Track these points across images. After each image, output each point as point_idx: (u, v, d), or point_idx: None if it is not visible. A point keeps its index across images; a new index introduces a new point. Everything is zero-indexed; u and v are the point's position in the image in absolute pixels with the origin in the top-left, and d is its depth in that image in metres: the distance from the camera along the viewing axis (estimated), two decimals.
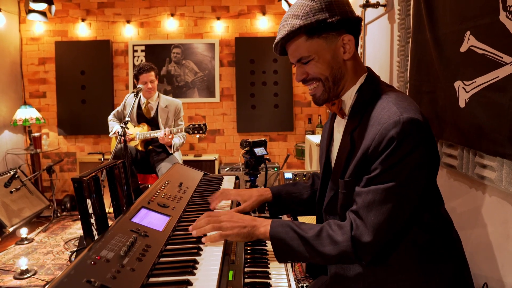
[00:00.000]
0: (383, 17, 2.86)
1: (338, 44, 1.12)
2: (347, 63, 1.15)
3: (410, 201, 1.04)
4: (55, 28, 4.84)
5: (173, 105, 3.63)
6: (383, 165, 1.02)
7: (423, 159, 1.02)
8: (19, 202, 3.90)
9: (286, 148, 5.00)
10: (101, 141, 4.93)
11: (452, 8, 1.74)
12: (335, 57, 1.13)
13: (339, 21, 1.08)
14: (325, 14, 1.08)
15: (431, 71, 1.95)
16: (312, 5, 1.09)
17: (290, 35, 1.11)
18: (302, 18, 1.08)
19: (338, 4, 1.10)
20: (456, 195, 1.94)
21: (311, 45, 1.11)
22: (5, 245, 3.53)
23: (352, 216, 1.09)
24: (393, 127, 1.00)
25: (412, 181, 1.02)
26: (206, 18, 4.86)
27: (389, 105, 1.06)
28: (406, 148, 1.00)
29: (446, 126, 1.82)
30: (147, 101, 3.60)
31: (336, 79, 1.15)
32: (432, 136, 1.07)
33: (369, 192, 1.04)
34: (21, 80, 4.86)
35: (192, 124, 3.40)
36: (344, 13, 1.10)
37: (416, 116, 1.01)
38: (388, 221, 1.03)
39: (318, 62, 1.13)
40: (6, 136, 4.54)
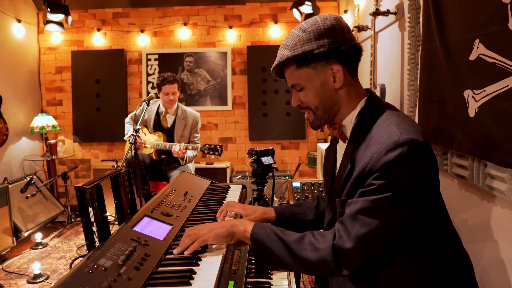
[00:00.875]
0: (393, 25, 2.83)
1: (327, 73, 1.13)
2: (339, 92, 1.15)
3: (399, 218, 1.02)
4: (72, 38, 4.96)
5: (191, 118, 3.61)
6: (378, 181, 1.00)
7: (421, 180, 1.00)
8: (35, 208, 3.98)
9: (298, 156, 4.98)
10: (115, 148, 5.00)
11: (461, 16, 1.71)
12: (325, 86, 1.14)
13: (326, 52, 1.09)
14: (312, 45, 1.09)
15: (440, 80, 1.92)
16: (301, 35, 1.11)
17: (280, 65, 1.16)
18: (290, 49, 1.12)
19: (330, 34, 1.10)
20: (467, 207, 1.89)
21: (301, 74, 1.14)
22: (20, 249, 3.60)
23: (337, 225, 1.07)
24: (392, 147, 0.99)
25: (405, 200, 1.00)
26: (219, 27, 4.91)
27: (389, 126, 1.05)
28: (404, 168, 0.98)
29: (456, 136, 1.78)
30: (165, 111, 3.59)
31: (327, 107, 1.16)
32: (432, 157, 1.06)
33: (358, 202, 1.03)
34: (38, 89, 4.98)
35: (209, 144, 3.39)
36: (334, 43, 1.10)
37: (416, 137, 1.00)
38: (373, 234, 1.01)
39: (309, 90, 1.15)
40: (23, 143, 4.65)
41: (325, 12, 4.80)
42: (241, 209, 1.50)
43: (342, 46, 1.10)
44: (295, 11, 4.15)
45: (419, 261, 1.07)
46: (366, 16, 3.33)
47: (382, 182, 0.99)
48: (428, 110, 2.07)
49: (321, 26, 1.10)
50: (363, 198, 1.03)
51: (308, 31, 1.11)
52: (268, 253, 1.11)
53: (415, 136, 1.00)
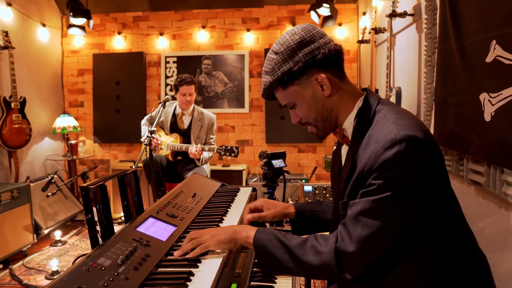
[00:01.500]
0: (411, 27, 2.77)
1: (313, 84, 1.12)
2: (332, 98, 1.14)
3: (400, 218, 0.99)
4: (93, 41, 5.08)
5: (207, 119, 3.64)
6: (378, 180, 0.98)
7: (422, 177, 0.97)
8: (55, 206, 4.08)
9: (315, 160, 4.93)
10: (133, 149, 5.09)
11: (478, 16, 1.65)
12: (315, 97, 1.14)
13: (304, 66, 1.09)
14: (289, 64, 1.10)
15: (456, 83, 1.86)
16: (276, 58, 1.12)
17: (266, 91, 1.17)
18: (270, 74, 1.13)
19: (302, 47, 1.10)
20: (484, 215, 1.82)
21: (289, 93, 1.15)
22: (40, 246, 3.70)
23: (340, 228, 1.05)
24: (389, 145, 0.97)
25: (405, 198, 0.97)
26: (237, 30, 4.93)
27: (387, 124, 1.03)
28: (403, 166, 0.96)
29: (472, 141, 1.72)
30: (182, 112, 3.63)
31: (324, 116, 1.16)
32: (436, 153, 1.02)
33: (359, 203, 1.01)
34: (61, 90, 5.13)
35: (225, 146, 3.41)
36: (309, 54, 1.09)
37: (414, 133, 0.97)
38: (376, 235, 0.98)
39: (302, 106, 1.16)
40: (46, 143, 4.79)
41: (344, 14, 4.76)
42: (263, 202, 1.50)
43: (318, 55, 1.09)
44: (313, 13, 4.12)
45: (427, 263, 1.03)
46: (384, 18, 3.27)
47: (381, 182, 0.97)
48: (444, 114, 2.01)
49: (291, 43, 1.11)
50: (363, 199, 1.01)
51: (281, 52, 1.11)
52: (271, 258, 1.10)
53: (413, 132, 0.97)
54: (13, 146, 3.95)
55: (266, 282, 1.42)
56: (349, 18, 4.81)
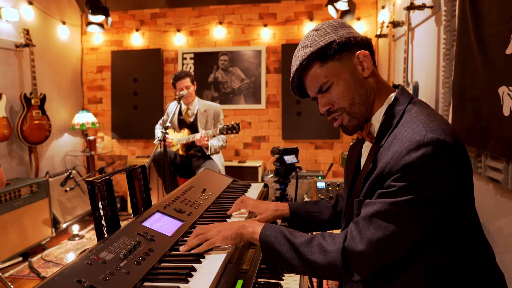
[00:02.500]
0: (430, 19, 2.69)
1: (354, 62, 1.08)
2: (369, 81, 1.09)
3: (418, 225, 0.92)
4: (112, 38, 5.15)
5: (212, 109, 3.69)
6: (399, 182, 0.92)
7: (447, 185, 0.91)
8: (73, 201, 4.17)
9: (332, 156, 4.87)
10: (150, 145, 5.14)
11: (498, 7, 1.58)
12: (355, 76, 1.08)
13: (348, 40, 1.07)
14: (332, 36, 1.08)
15: (475, 76, 1.79)
16: (317, 33, 1.10)
17: (303, 64, 1.09)
18: (311, 46, 1.08)
19: (343, 27, 1.10)
20: (503, 213, 1.75)
21: (327, 70, 1.07)
22: (59, 240, 3.79)
23: (351, 226, 1.00)
24: (415, 147, 0.90)
25: (427, 205, 0.91)
26: (253, 25, 4.91)
27: (415, 124, 0.96)
28: (427, 170, 0.89)
29: (490, 136, 1.65)
30: (187, 107, 3.69)
31: (363, 98, 1.08)
32: (464, 161, 0.95)
33: (375, 203, 0.96)
34: (81, 87, 5.23)
35: (226, 125, 3.43)
36: (351, 34, 1.09)
37: (443, 137, 0.90)
38: (389, 239, 0.93)
39: (339, 85, 1.07)
40: (65, 139, 4.89)
41: (362, 9, 4.66)
42: (253, 207, 1.47)
43: (358, 37, 1.09)
44: (331, 8, 4.05)
45: (442, 276, 0.97)
46: (402, 11, 3.18)
47: (402, 184, 0.91)
48: (462, 109, 1.94)
49: (333, 22, 1.12)
50: (381, 199, 0.95)
51: (323, 28, 1.10)
52: (276, 256, 1.08)
53: (442, 136, 0.90)
54: (33, 142, 4.05)
55: (273, 279, 1.40)
56: (368, 12, 4.71)
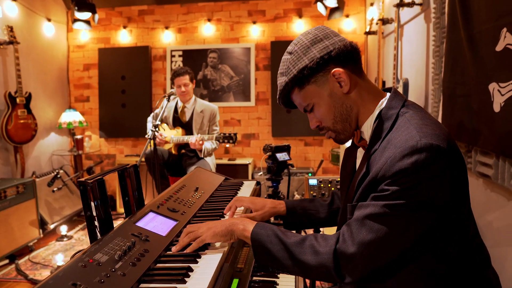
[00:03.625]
0: (419, 16, 2.71)
1: (330, 81, 1.07)
2: (350, 95, 1.08)
3: (411, 229, 0.92)
4: (99, 36, 5.07)
5: (208, 110, 3.64)
6: (392, 186, 0.92)
7: (441, 190, 0.91)
8: (61, 201, 4.10)
9: (321, 153, 4.89)
10: (139, 144, 5.09)
11: (488, 4, 1.60)
12: (334, 94, 1.08)
13: (320, 61, 1.05)
14: (304, 61, 1.06)
15: (465, 73, 1.81)
16: (290, 58, 1.09)
17: (282, 93, 1.13)
18: (286, 75, 1.09)
19: (316, 44, 1.07)
20: (492, 208, 1.77)
21: (306, 94, 1.10)
22: (46, 241, 3.73)
23: (343, 229, 1.00)
24: (408, 152, 0.90)
25: (421, 210, 0.91)
26: (242, 22, 4.88)
27: (409, 129, 0.95)
28: (421, 176, 0.89)
29: (481, 132, 1.68)
30: (183, 105, 3.64)
31: (344, 116, 1.09)
32: (459, 166, 0.95)
33: (368, 206, 0.95)
34: (67, 86, 5.14)
35: (223, 133, 3.40)
36: (324, 50, 1.06)
37: (437, 142, 0.90)
38: (380, 242, 0.92)
39: (320, 105, 1.10)
40: (52, 138, 4.81)
41: (351, 6, 4.68)
42: (250, 203, 1.46)
43: (333, 50, 1.05)
44: (320, 5, 4.05)
45: (437, 278, 0.97)
46: (391, 8, 3.20)
47: (396, 188, 0.91)
48: (452, 105, 1.96)
49: (305, 41, 1.08)
50: (374, 202, 0.94)
51: (295, 51, 1.08)
52: (267, 255, 1.07)
53: (436, 141, 0.90)
54: (19, 142, 3.97)
55: (269, 277, 1.40)
56: (356, 9, 4.73)
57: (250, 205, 1.47)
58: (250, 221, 1.15)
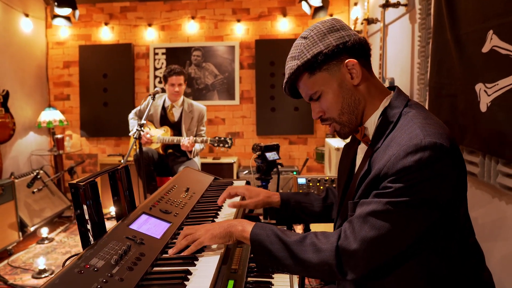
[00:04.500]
0: (404, 17, 2.75)
1: (342, 71, 1.07)
2: (359, 88, 1.08)
3: (413, 227, 0.94)
4: (79, 32, 4.96)
5: (197, 111, 3.60)
6: (396, 184, 0.92)
7: (443, 188, 0.92)
8: (41, 202, 3.99)
9: (306, 152, 4.92)
10: (121, 143, 5.00)
11: (475, 5, 1.64)
12: (344, 85, 1.07)
13: (335, 49, 1.05)
14: (319, 47, 1.05)
15: (451, 73, 1.85)
16: (305, 43, 1.08)
17: (291, 77, 1.10)
18: (298, 58, 1.08)
19: (333, 32, 1.06)
20: (478, 205, 1.82)
21: (316, 80, 1.08)
22: (26, 244, 3.62)
23: (345, 226, 1.01)
24: (412, 150, 0.91)
25: (423, 208, 0.92)
26: (227, 20, 4.86)
27: (413, 127, 0.96)
28: (424, 174, 0.90)
29: (467, 131, 1.72)
30: (171, 105, 3.57)
31: (351, 108, 1.09)
32: (460, 163, 0.97)
33: (371, 203, 0.96)
34: (46, 83, 5.00)
35: (218, 137, 3.39)
36: (340, 39, 1.05)
37: (440, 141, 0.91)
38: (383, 239, 0.94)
39: (328, 94, 1.08)
40: (31, 138, 4.67)
41: (335, 5, 4.72)
42: (245, 190, 1.46)
43: (348, 41, 1.05)
44: (304, 3, 4.07)
45: (431, 273, 0.99)
46: (376, 8, 3.24)
47: (399, 186, 0.92)
48: (438, 104, 2.00)
49: (322, 28, 1.07)
50: (376, 199, 0.95)
51: (311, 36, 1.07)
52: (268, 255, 1.06)
53: (440, 140, 0.91)
54: None
55: (264, 277, 1.39)
56: (340, 8, 4.78)
57: (245, 192, 1.46)
58: (249, 222, 1.14)
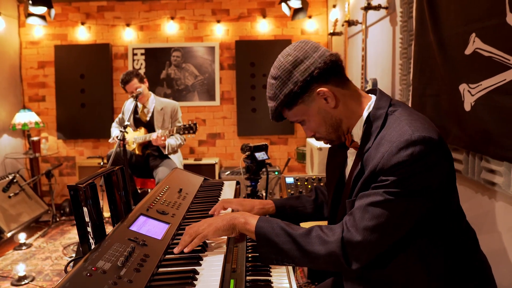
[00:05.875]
0: (384, 19, 2.83)
1: (317, 100, 1.11)
2: (338, 108, 1.13)
3: (410, 214, 1.00)
4: (55, 32, 4.82)
5: (169, 107, 3.59)
6: (391, 177, 0.98)
7: (435, 178, 0.99)
8: (18, 207, 3.86)
9: (287, 152, 4.97)
10: (100, 145, 4.90)
11: (457, 10, 1.71)
12: (321, 111, 1.13)
13: (303, 84, 1.08)
14: (289, 86, 1.09)
15: (434, 74, 1.92)
16: (275, 83, 1.12)
17: (274, 115, 1.17)
18: (274, 100, 1.14)
19: (297, 66, 1.09)
20: (462, 200, 1.88)
21: (295, 113, 1.15)
22: (2, 250, 3.49)
23: (346, 218, 1.06)
24: (404, 145, 0.97)
25: (418, 197, 0.99)
26: (206, 21, 4.84)
27: (401, 125, 1.03)
28: (417, 167, 0.96)
29: (451, 129, 1.79)
30: (143, 106, 3.57)
31: (335, 127, 1.16)
32: (448, 155, 1.04)
33: (370, 194, 1.02)
34: (20, 84, 4.83)
35: (183, 125, 3.36)
36: (306, 72, 1.08)
37: (429, 134, 0.98)
38: (383, 227, 1.00)
39: (310, 122, 1.16)
40: (5, 141, 4.50)
41: (314, 7, 4.78)
42: (238, 205, 1.47)
43: (314, 70, 1.08)
44: (284, 5, 4.11)
45: (429, 257, 1.06)
46: (357, 10, 3.32)
47: (395, 178, 0.98)
48: (422, 104, 2.07)
49: (286, 65, 1.10)
50: (375, 190, 1.01)
51: (278, 76, 1.11)
52: (274, 248, 1.09)
53: (428, 134, 0.98)
54: None
55: (262, 276, 1.41)
56: (318, 10, 4.85)
57: (238, 207, 1.46)
58: (251, 215, 1.17)
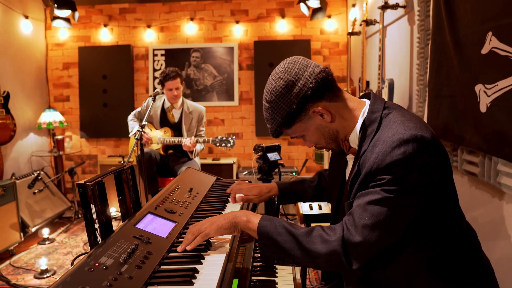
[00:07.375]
0: (402, 18, 2.78)
1: (313, 117, 1.15)
2: (335, 122, 1.16)
3: (407, 212, 1.01)
4: (79, 34, 4.96)
5: (197, 112, 3.63)
6: (387, 175, 1.00)
7: (430, 176, 1.00)
8: (42, 203, 4.00)
9: (305, 152, 4.94)
10: (121, 144, 5.01)
11: (473, 8, 1.66)
12: (319, 126, 1.17)
13: (298, 105, 1.11)
14: (284, 109, 1.13)
15: (451, 74, 1.87)
16: (271, 107, 1.15)
17: (274, 135, 1.22)
18: (271, 123, 1.18)
19: (290, 90, 1.11)
20: (477, 205, 1.84)
21: (294, 130, 1.20)
22: (27, 244, 3.63)
23: (346, 218, 1.07)
24: (397, 144, 0.99)
25: (414, 195, 1.00)
26: (225, 22, 4.88)
27: (394, 125, 1.05)
28: (411, 165, 0.98)
29: (466, 131, 1.74)
30: (171, 106, 3.60)
31: (333, 138, 1.20)
32: (442, 152, 1.05)
33: (368, 193, 1.03)
34: (46, 85, 5.00)
35: (220, 137, 3.42)
36: (299, 94, 1.10)
37: (421, 133, 1.00)
38: (381, 225, 1.00)
39: (309, 136, 1.21)
40: (31, 139, 4.68)
41: (333, 6, 4.74)
42: (247, 191, 1.65)
43: (307, 91, 1.10)
44: (303, 5, 4.09)
45: (429, 256, 1.06)
46: (374, 9, 3.27)
47: (391, 177, 0.99)
48: (438, 105, 2.02)
49: (279, 89, 1.12)
50: (372, 189, 1.03)
51: (273, 100, 1.13)
52: (275, 246, 1.10)
53: (420, 132, 1.00)
54: None
55: (267, 276, 1.42)
56: (338, 10, 4.80)
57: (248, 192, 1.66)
58: (253, 213, 1.19)
